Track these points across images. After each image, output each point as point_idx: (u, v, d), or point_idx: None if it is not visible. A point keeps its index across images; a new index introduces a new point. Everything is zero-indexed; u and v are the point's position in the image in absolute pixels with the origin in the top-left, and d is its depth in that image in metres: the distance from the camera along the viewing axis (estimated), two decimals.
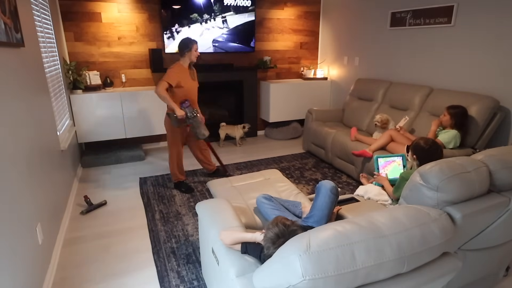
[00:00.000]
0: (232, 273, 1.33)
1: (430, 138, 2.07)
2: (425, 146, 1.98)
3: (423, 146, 1.99)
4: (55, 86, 3.08)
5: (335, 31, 4.89)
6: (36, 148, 2.14)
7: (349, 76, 4.74)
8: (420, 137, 2.08)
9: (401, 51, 3.83)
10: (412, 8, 3.58)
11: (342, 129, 3.85)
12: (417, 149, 2.02)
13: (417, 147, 2.02)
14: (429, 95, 3.34)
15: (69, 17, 3.81)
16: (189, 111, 2.99)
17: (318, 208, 1.77)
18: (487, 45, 2.96)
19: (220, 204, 1.81)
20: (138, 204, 3.01)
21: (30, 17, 2.43)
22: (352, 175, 3.48)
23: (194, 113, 3.02)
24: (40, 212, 2.05)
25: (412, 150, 2.06)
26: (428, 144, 1.99)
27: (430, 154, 1.95)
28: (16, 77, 1.94)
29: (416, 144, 2.03)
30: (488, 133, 2.88)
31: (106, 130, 3.98)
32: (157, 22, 4.19)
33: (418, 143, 2.02)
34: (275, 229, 1.26)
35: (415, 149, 2.03)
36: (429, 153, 1.96)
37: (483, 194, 1.43)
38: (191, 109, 3.01)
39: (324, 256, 0.92)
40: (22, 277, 1.63)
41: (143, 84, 4.37)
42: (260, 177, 2.54)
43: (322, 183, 1.83)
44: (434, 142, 2.03)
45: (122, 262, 2.22)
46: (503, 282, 2.01)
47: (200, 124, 3.10)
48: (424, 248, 1.05)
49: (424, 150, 1.98)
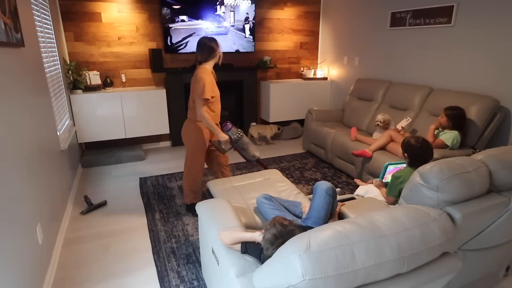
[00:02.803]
0: (232, 273, 1.33)
1: (420, 136, 2.06)
2: (416, 144, 1.98)
3: (413, 144, 1.99)
4: (55, 86, 3.08)
5: (335, 31, 4.89)
6: (36, 148, 2.14)
7: (349, 76, 4.74)
8: (411, 136, 2.08)
9: (401, 51, 3.83)
10: (412, 8, 3.58)
11: (342, 129, 3.86)
12: (407, 147, 2.02)
13: (407, 146, 2.02)
14: (429, 95, 3.34)
15: (69, 17, 3.81)
16: (232, 134, 2.60)
17: (314, 209, 1.76)
18: (487, 45, 2.96)
19: (220, 204, 1.81)
20: (138, 204, 3.01)
21: (30, 17, 2.43)
22: (352, 175, 3.48)
23: (239, 135, 2.61)
24: (40, 212, 2.05)
25: (403, 149, 2.06)
26: (419, 143, 1.99)
27: (421, 153, 1.96)
28: (16, 77, 1.94)
29: (407, 143, 2.03)
30: (488, 133, 2.88)
31: (106, 130, 3.98)
32: (157, 22, 4.19)
33: (409, 141, 2.02)
34: (273, 230, 1.26)
35: (406, 147, 2.03)
36: (420, 151, 1.97)
37: (483, 194, 1.43)
38: (234, 130, 2.62)
39: (324, 256, 0.92)
40: (22, 277, 1.63)
41: (143, 84, 4.37)
42: (260, 177, 2.54)
43: (318, 184, 1.82)
44: (425, 140, 2.02)
45: (122, 262, 2.22)
46: (503, 282, 2.01)
47: (248, 145, 2.67)
48: (424, 248, 1.05)
49: (414, 148, 1.99)
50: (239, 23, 4.51)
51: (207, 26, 4.33)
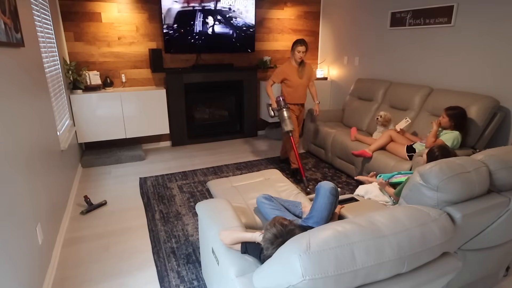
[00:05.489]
0: (232, 273, 1.33)
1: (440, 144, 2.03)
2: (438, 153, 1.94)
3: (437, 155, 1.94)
4: (55, 86, 3.08)
5: (335, 31, 4.89)
6: (36, 148, 2.14)
7: (349, 76, 4.74)
8: (436, 145, 2.04)
9: (401, 51, 3.83)
10: (412, 8, 3.58)
11: (342, 129, 3.86)
12: (432, 157, 1.97)
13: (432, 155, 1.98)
14: (429, 95, 3.34)
15: (69, 17, 3.81)
16: (278, 105, 3.34)
17: (317, 209, 1.77)
18: (487, 45, 2.96)
19: (220, 204, 1.81)
20: (138, 204, 3.01)
21: (30, 17, 2.43)
22: (352, 175, 3.48)
23: (278, 107, 3.35)
24: (40, 212, 2.05)
25: (428, 158, 2.02)
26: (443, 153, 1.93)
27: None
28: (16, 77, 1.94)
29: (432, 152, 2.00)
30: (488, 133, 2.88)
31: (106, 130, 3.98)
32: (157, 22, 4.19)
33: (433, 151, 1.99)
34: (273, 230, 1.26)
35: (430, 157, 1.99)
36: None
37: (483, 194, 1.43)
38: (281, 103, 3.33)
39: (324, 256, 0.92)
40: (22, 277, 1.63)
41: (143, 84, 4.37)
42: (260, 177, 2.54)
43: (321, 184, 1.83)
44: (445, 148, 1.99)
45: (122, 262, 2.22)
46: (503, 282, 2.01)
47: (283, 119, 3.32)
48: (424, 248, 1.05)
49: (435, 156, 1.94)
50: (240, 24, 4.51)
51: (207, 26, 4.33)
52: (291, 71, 3.41)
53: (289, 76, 3.40)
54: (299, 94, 3.47)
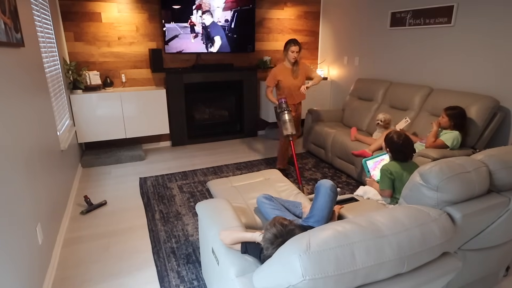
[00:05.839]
0: (232, 273, 1.32)
1: (402, 133, 2.19)
2: (398, 140, 2.12)
3: (396, 140, 2.13)
4: (55, 86, 3.08)
5: (335, 31, 4.89)
6: (36, 148, 2.14)
7: (349, 76, 4.74)
8: (394, 131, 2.21)
9: (401, 51, 3.83)
10: (412, 8, 3.58)
11: (342, 129, 3.86)
12: (390, 142, 2.16)
13: (390, 141, 2.16)
14: (429, 95, 3.34)
15: (69, 17, 3.81)
16: (280, 107, 3.28)
17: (318, 208, 1.77)
18: (487, 45, 2.96)
19: (220, 204, 1.81)
20: (138, 204, 3.01)
21: (30, 17, 2.43)
22: (352, 175, 3.48)
23: (279, 110, 3.28)
24: (40, 212, 2.05)
25: (385, 143, 2.21)
26: (401, 139, 2.12)
27: (402, 148, 2.11)
28: (16, 77, 1.94)
29: (390, 138, 2.17)
30: (488, 133, 2.88)
31: (106, 130, 3.98)
32: (157, 22, 4.19)
33: (392, 137, 2.16)
34: (273, 230, 1.26)
35: (388, 142, 2.18)
36: (401, 147, 2.11)
37: (483, 194, 1.43)
38: (282, 106, 3.27)
39: (324, 256, 0.92)
40: (22, 277, 1.63)
41: (143, 84, 4.37)
42: (260, 177, 2.54)
43: (321, 182, 1.84)
44: (407, 137, 2.15)
45: (122, 262, 2.22)
46: (503, 282, 2.01)
47: (283, 122, 3.25)
48: (424, 248, 1.05)
49: (396, 143, 2.13)
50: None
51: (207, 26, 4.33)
52: (284, 73, 3.40)
53: (282, 77, 3.39)
54: (293, 95, 3.45)
